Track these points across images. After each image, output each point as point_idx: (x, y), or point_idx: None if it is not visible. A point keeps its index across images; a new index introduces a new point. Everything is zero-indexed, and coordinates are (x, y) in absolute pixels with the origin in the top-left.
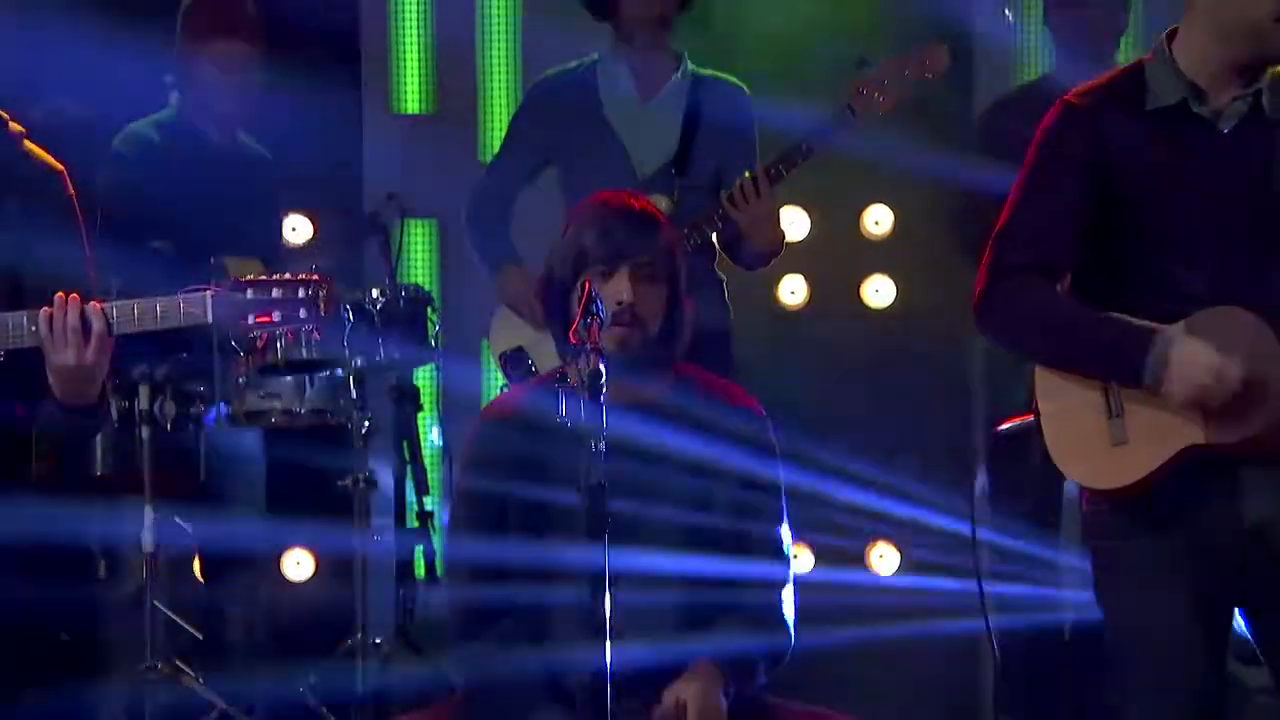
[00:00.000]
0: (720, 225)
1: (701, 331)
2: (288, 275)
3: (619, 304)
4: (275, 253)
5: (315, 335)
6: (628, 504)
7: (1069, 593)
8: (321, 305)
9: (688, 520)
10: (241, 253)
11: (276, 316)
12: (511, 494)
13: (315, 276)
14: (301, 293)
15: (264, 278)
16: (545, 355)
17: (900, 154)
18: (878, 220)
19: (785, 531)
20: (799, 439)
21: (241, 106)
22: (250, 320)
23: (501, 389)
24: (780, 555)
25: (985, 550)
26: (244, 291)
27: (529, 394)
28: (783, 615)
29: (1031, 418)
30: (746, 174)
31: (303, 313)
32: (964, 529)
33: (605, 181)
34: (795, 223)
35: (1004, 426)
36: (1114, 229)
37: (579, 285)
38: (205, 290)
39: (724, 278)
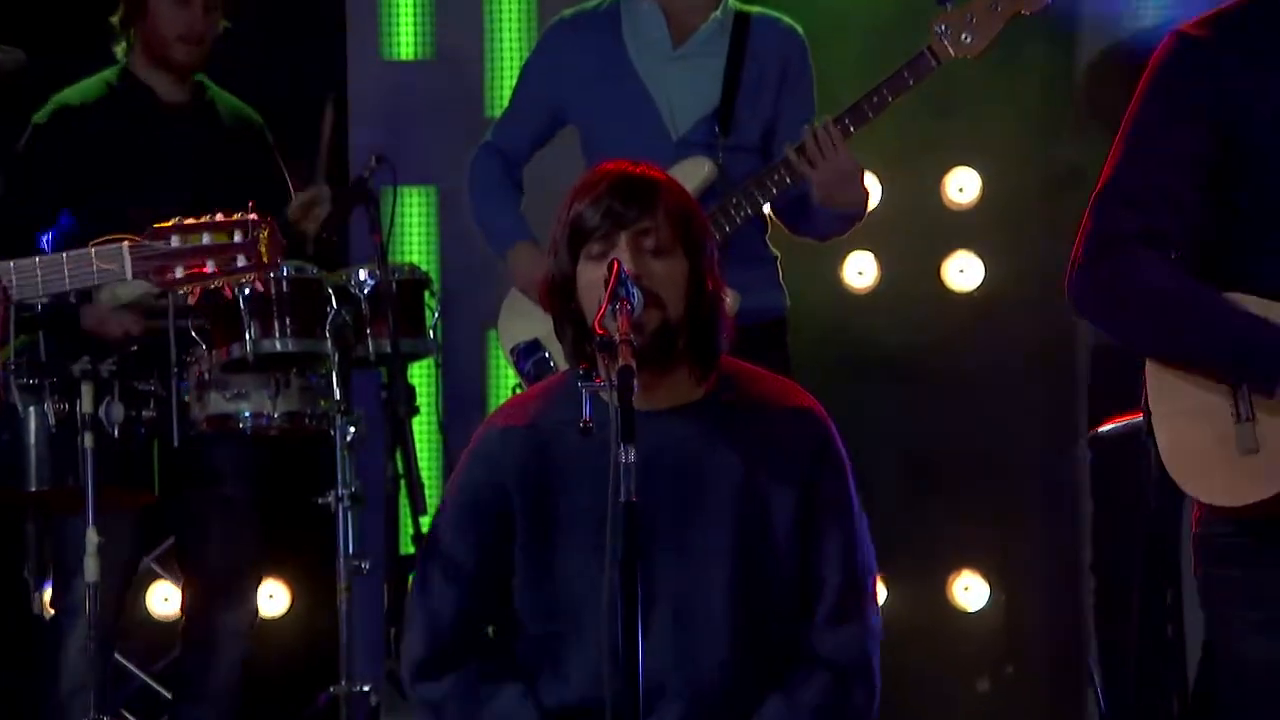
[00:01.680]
0: (785, 184)
1: (750, 320)
2: (218, 216)
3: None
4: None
5: (257, 285)
6: (664, 527)
7: (1192, 635)
8: (263, 249)
9: (736, 546)
10: None
11: (210, 267)
12: (522, 513)
13: (252, 216)
14: (237, 235)
15: (190, 221)
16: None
17: (990, 108)
18: (962, 187)
19: (866, 558)
20: (868, 447)
21: (197, 54)
22: (178, 273)
23: (514, 390)
24: (858, 589)
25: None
26: (167, 239)
27: (546, 396)
28: (871, 670)
29: (1140, 416)
30: (817, 121)
31: (240, 259)
32: (1066, 554)
33: (632, 141)
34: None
35: (1106, 427)
36: (1240, 189)
37: (608, 263)
38: (121, 241)
39: (777, 255)
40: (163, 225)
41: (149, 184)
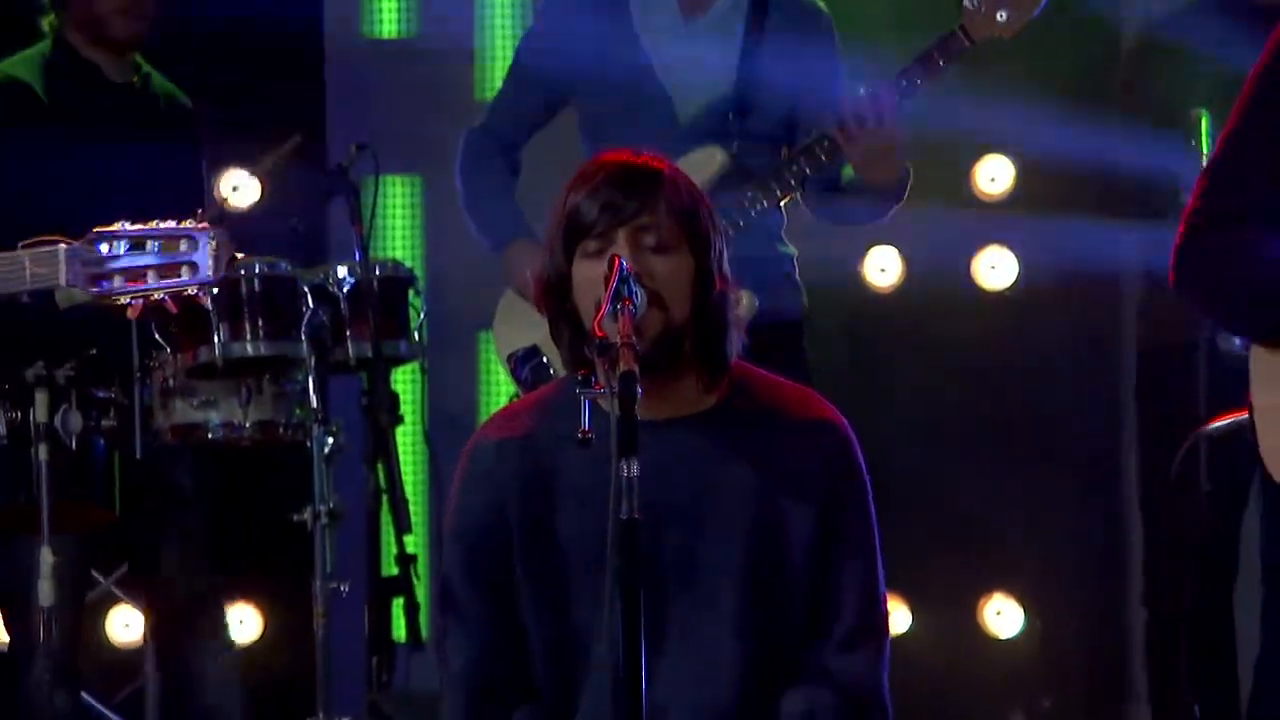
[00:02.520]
0: (806, 174)
1: (765, 322)
2: (168, 224)
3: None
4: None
5: (204, 300)
6: (670, 548)
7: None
8: (212, 261)
9: (748, 567)
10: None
11: (151, 279)
12: (521, 535)
13: (203, 225)
14: (184, 245)
15: (135, 227)
16: None
17: (1025, 90)
18: (994, 176)
19: (879, 580)
20: (892, 459)
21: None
22: (115, 283)
23: (511, 399)
24: (875, 613)
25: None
26: (109, 246)
27: (541, 405)
28: (884, 698)
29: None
30: (862, 91)
31: (185, 273)
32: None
33: (635, 127)
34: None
35: (1214, 425)
36: None
37: (607, 261)
38: (57, 244)
39: (794, 252)
40: (104, 229)
41: (99, 170)
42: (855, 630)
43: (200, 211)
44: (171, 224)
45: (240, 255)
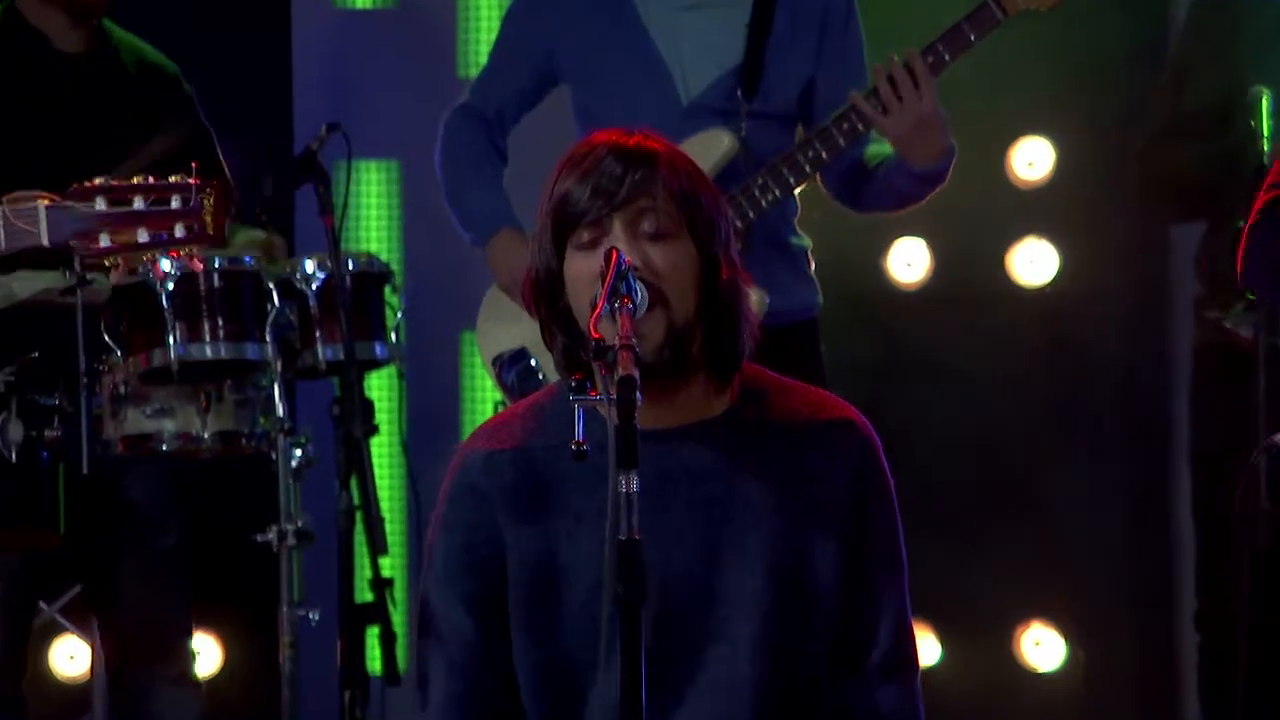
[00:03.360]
0: (823, 160)
1: (777, 320)
2: (151, 179)
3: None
4: None
5: (196, 263)
6: (678, 572)
7: None
8: (207, 217)
9: (768, 592)
10: None
11: (142, 236)
12: (515, 556)
13: (194, 179)
14: (176, 201)
15: (119, 181)
16: None
17: (1065, 66)
18: (1032, 161)
19: (908, 602)
20: (916, 473)
21: None
22: (103, 241)
23: (496, 407)
24: (907, 639)
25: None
26: (91, 201)
27: (533, 414)
28: None
29: None
30: (895, 58)
31: (179, 229)
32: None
33: (636, 106)
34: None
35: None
36: None
37: (604, 253)
38: (36, 198)
39: (808, 243)
40: (88, 185)
41: (42, 150)
42: (890, 659)
43: (195, 164)
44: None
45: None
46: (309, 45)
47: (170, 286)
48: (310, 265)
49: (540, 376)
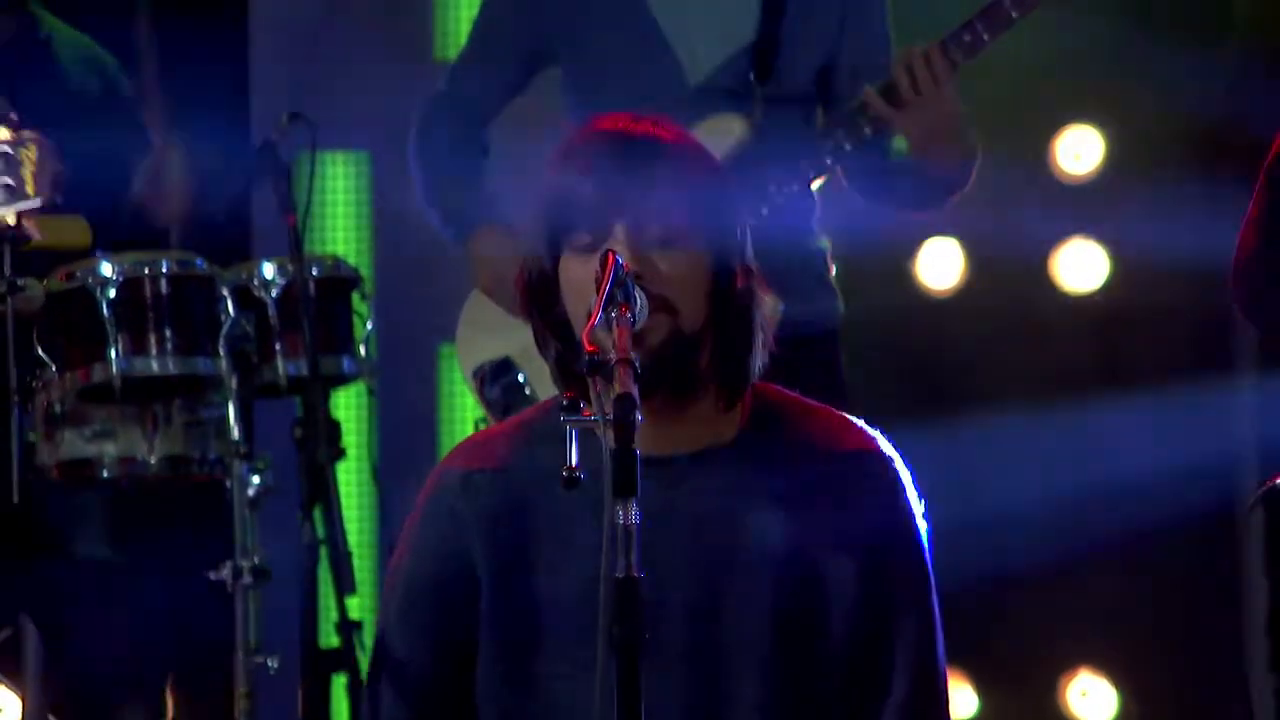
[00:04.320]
0: (846, 151)
1: (793, 332)
2: None
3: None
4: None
5: (23, 227)
6: (679, 614)
7: None
8: (27, 174)
9: (776, 638)
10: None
11: None
12: (491, 589)
13: (10, 132)
14: None
15: None
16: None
17: (1116, 49)
18: (1078, 153)
19: (937, 651)
20: (951, 501)
21: None
22: None
23: (477, 425)
24: (933, 690)
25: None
26: None
27: (520, 433)
28: None
29: None
30: (918, 50)
31: None
32: (1221, 648)
33: (636, 90)
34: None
35: None
36: None
37: (600, 256)
38: None
39: (827, 245)
40: None
41: None
42: (908, 711)
43: (13, 116)
44: None
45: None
46: (268, 23)
47: (112, 293)
48: (270, 270)
49: (527, 391)
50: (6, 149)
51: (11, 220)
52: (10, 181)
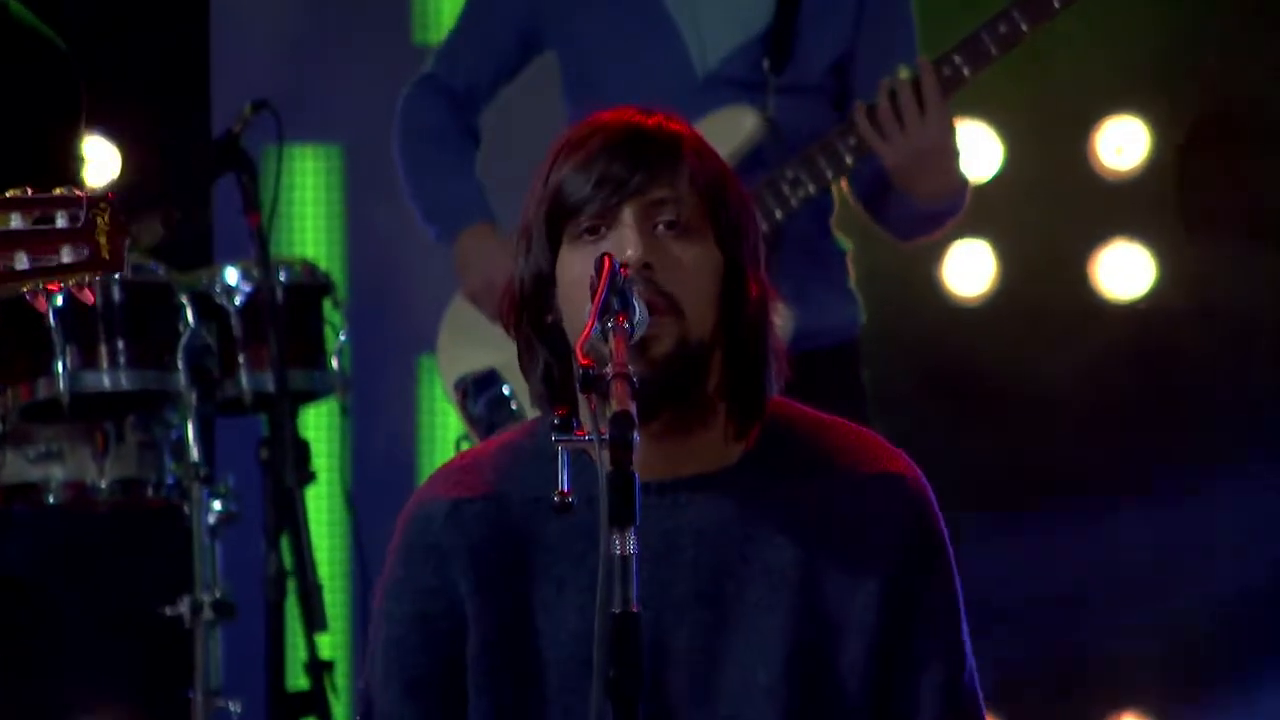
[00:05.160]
0: (852, 159)
1: (810, 343)
2: (30, 191)
3: (624, 265)
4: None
5: (88, 297)
6: (684, 653)
7: None
8: (102, 239)
9: (790, 678)
10: None
11: (23, 262)
12: (480, 629)
13: (82, 193)
14: (62, 219)
15: None
16: None
17: (1162, 33)
18: (1121, 146)
19: (967, 691)
20: (981, 525)
21: None
22: None
23: (458, 445)
24: None
25: None
26: None
27: (507, 455)
28: None
29: None
30: (901, 71)
31: (67, 253)
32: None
33: (639, 79)
34: (977, 154)
35: None
36: None
37: (596, 261)
38: None
39: (847, 248)
40: None
41: None
42: None
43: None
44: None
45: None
46: (230, 2)
47: (59, 301)
48: (232, 275)
49: (514, 406)
50: (79, 212)
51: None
52: (86, 248)
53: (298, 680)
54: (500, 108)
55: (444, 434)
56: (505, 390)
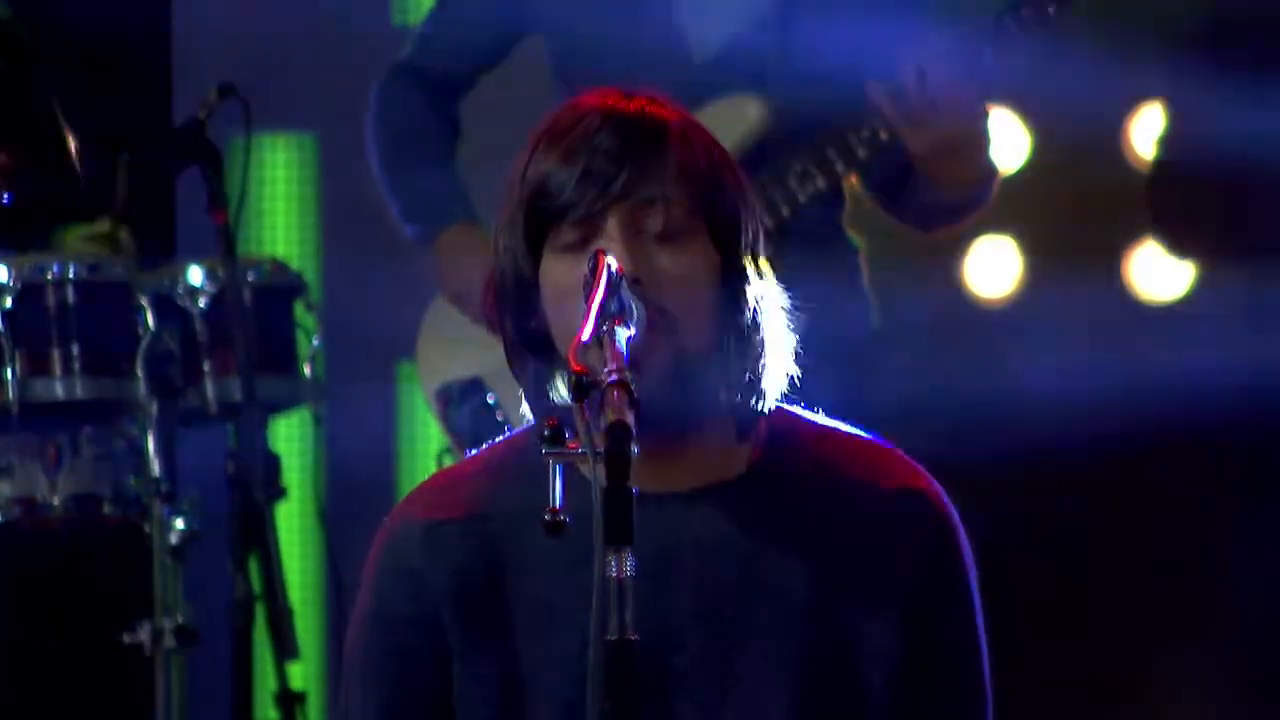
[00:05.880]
0: (866, 152)
1: (820, 345)
2: None
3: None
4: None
5: None
6: (686, 682)
7: None
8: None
9: (801, 709)
10: None
11: None
12: (463, 657)
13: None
14: None
15: None
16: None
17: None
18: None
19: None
20: (1005, 551)
21: None
22: None
23: (440, 459)
24: None
25: None
26: None
27: (492, 470)
28: None
29: None
30: (931, 47)
31: None
32: None
33: (632, 62)
34: (1003, 143)
35: None
36: None
37: (590, 258)
38: None
39: (860, 245)
40: None
41: None
42: None
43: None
44: None
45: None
46: None
47: (8, 302)
48: (197, 275)
49: (500, 417)
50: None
51: None
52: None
53: (267, 713)
54: (484, 93)
55: (425, 447)
56: (490, 400)
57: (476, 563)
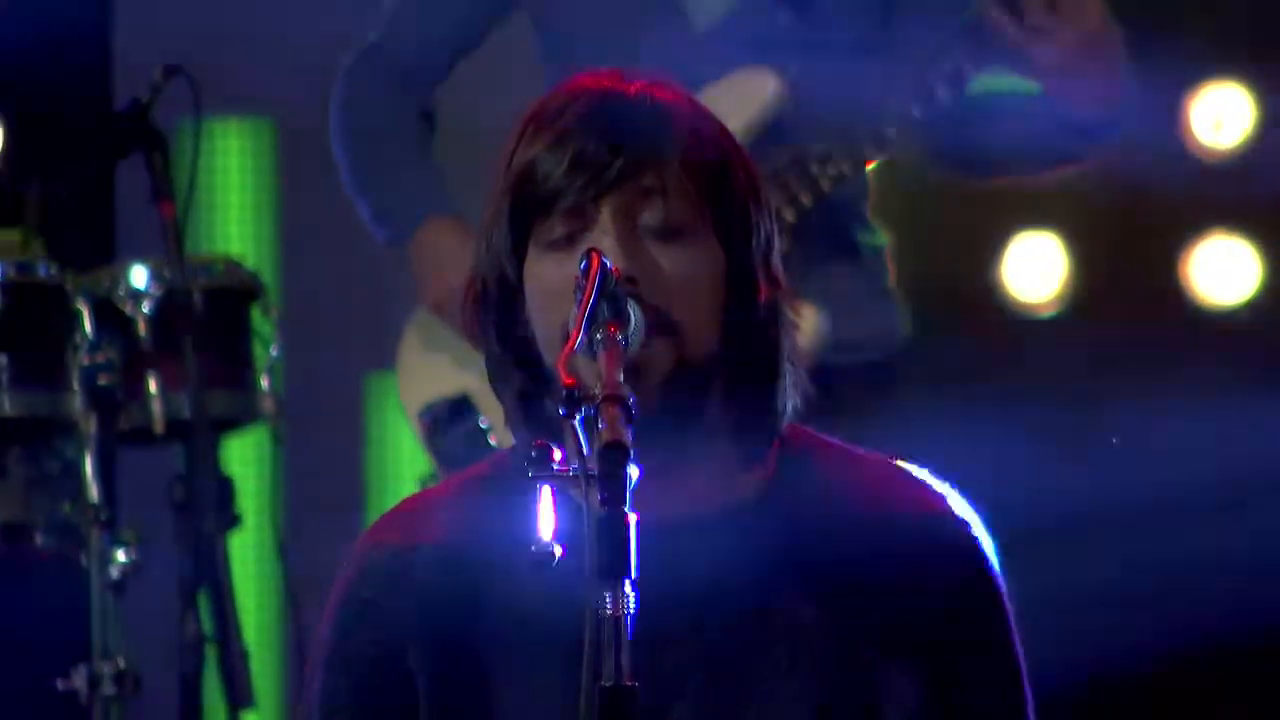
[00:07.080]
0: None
1: (839, 360)
2: None
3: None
4: None
5: None
6: None
7: None
8: None
9: None
10: None
11: None
12: (432, 702)
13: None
14: None
15: None
16: None
17: None
18: (1220, 120)
19: None
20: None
21: None
22: None
23: (422, 484)
24: None
25: None
26: None
27: (468, 492)
28: None
29: None
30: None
31: None
32: None
33: (627, 34)
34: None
35: None
36: None
37: (582, 257)
38: None
39: (885, 241)
40: None
41: None
42: None
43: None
44: None
45: None
46: None
47: None
48: (140, 276)
49: (494, 442)
50: None
51: None
52: None
53: None
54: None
55: (396, 469)
56: (482, 423)
57: (450, 596)
